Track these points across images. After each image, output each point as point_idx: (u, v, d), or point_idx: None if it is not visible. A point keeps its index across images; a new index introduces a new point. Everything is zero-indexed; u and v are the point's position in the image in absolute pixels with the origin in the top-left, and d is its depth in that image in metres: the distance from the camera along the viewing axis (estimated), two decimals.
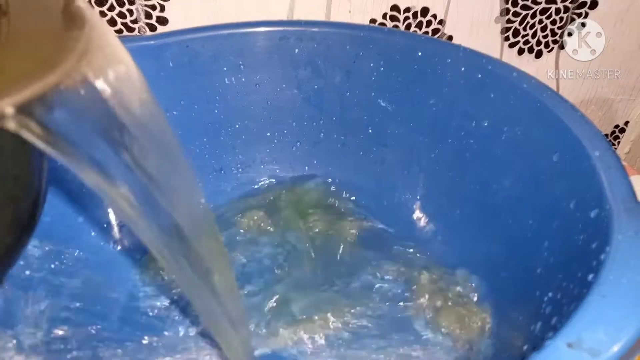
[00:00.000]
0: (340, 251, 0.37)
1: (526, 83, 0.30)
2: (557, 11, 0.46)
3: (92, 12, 0.17)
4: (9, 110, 0.13)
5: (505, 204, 0.32)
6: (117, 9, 0.38)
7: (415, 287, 0.34)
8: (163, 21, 0.39)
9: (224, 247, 0.28)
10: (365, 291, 0.34)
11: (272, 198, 0.41)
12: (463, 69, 0.34)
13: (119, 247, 0.36)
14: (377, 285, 0.34)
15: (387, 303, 0.33)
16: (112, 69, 0.17)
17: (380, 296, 0.34)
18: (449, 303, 0.33)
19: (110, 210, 0.36)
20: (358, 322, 0.32)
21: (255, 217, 0.38)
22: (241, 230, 0.38)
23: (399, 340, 0.31)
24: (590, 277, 0.19)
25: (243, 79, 0.38)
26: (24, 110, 0.13)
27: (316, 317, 0.32)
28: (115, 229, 0.36)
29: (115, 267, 0.35)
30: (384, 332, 0.31)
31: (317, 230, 0.38)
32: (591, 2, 0.46)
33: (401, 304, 0.33)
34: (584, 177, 0.24)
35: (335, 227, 0.38)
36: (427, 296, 0.33)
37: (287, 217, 0.39)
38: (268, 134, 0.41)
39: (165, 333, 0.32)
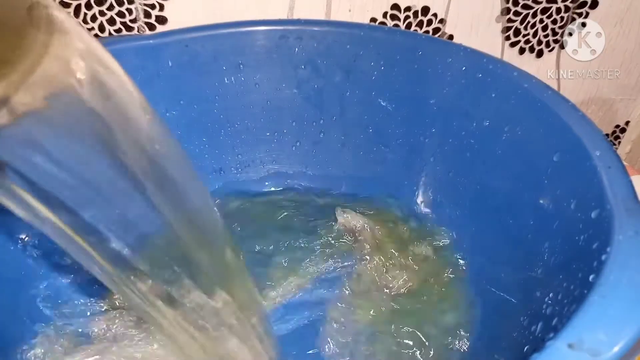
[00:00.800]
0: (342, 252, 0.36)
1: (527, 83, 0.30)
2: (558, 11, 0.46)
3: (64, 16, 0.16)
4: None
5: (505, 204, 0.32)
6: (116, 8, 0.38)
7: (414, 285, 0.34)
8: (162, 20, 0.39)
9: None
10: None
11: (271, 198, 0.41)
12: (464, 68, 0.34)
13: None
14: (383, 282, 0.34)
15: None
16: (81, 72, 0.15)
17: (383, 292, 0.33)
18: (448, 302, 0.33)
19: None
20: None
21: (255, 217, 0.38)
22: (239, 229, 0.38)
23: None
24: (591, 277, 0.19)
25: (243, 79, 0.38)
26: None
27: None
28: None
29: None
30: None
31: (320, 231, 0.38)
32: (591, 2, 0.46)
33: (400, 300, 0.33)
34: (585, 177, 0.24)
35: (336, 227, 0.38)
36: (426, 294, 0.33)
37: (287, 217, 0.39)
38: (268, 134, 0.41)
39: None
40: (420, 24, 0.44)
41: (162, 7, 0.39)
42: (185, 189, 0.21)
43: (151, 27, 0.39)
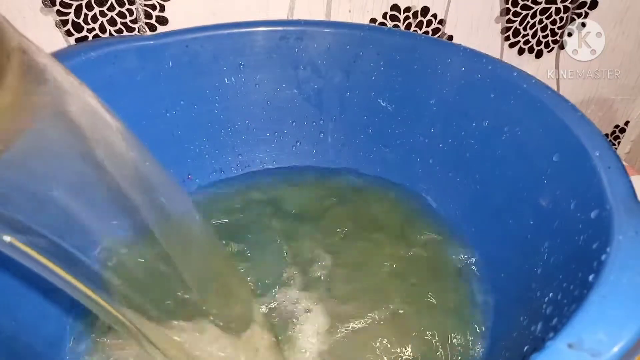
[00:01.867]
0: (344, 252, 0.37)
1: (526, 83, 0.30)
2: (557, 11, 0.46)
3: (46, 61, 0.16)
4: None
5: (505, 204, 0.32)
6: (117, 8, 0.38)
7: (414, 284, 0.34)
8: (163, 21, 0.39)
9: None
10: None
11: (271, 197, 0.41)
12: (463, 68, 0.34)
13: None
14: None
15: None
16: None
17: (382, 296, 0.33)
18: (449, 303, 0.33)
19: None
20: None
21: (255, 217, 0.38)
22: (240, 228, 0.38)
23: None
24: (591, 277, 0.19)
25: (243, 79, 0.38)
26: None
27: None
28: None
29: None
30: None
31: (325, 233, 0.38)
32: (591, 2, 0.46)
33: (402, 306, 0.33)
34: (584, 177, 0.24)
35: (337, 225, 0.38)
36: (423, 295, 0.33)
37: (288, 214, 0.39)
38: (268, 134, 0.41)
39: None
40: (419, 25, 0.44)
41: (162, 8, 0.39)
42: (167, 202, 0.21)
43: (152, 27, 0.39)
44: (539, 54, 0.48)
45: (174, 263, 0.22)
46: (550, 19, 0.46)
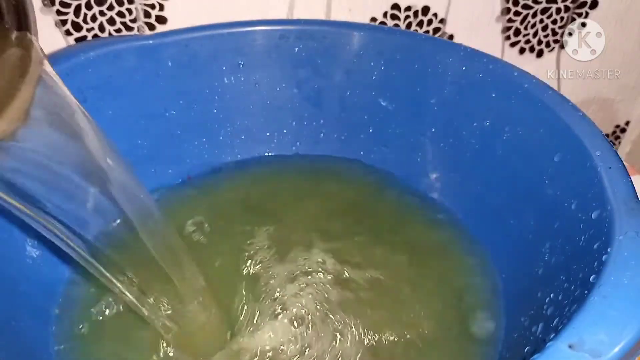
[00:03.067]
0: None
1: (527, 83, 0.30)
2: (558, 11, 0.46)
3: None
4: None
5: (506, 205, 0.32)
6: (116, 8, 0.38)
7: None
8: (162, 20, 0.39)
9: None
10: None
11: (270, 197, 0.41)
12: (464, 68, 0.34)
13: None
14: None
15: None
16: None
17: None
18: (447, 303, 0.32)
19: None
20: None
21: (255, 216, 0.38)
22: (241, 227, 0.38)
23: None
24: (592, 278, 0.19)
25: (242, 79, 0.38)
26: None
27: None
28: None
29: None
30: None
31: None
32: (591, 2, 0.46)
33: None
34: (585, 177, 0.24)
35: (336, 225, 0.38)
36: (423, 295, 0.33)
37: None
38: (268, 134, 0.41)
39: None
40: (420, 24, 0.44)
41: (162, 7, 0.39)
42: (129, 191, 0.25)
43: (151, 27, 0.39)
44: (539, 54, 0.48)
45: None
46: (551, 19, 0.46)
